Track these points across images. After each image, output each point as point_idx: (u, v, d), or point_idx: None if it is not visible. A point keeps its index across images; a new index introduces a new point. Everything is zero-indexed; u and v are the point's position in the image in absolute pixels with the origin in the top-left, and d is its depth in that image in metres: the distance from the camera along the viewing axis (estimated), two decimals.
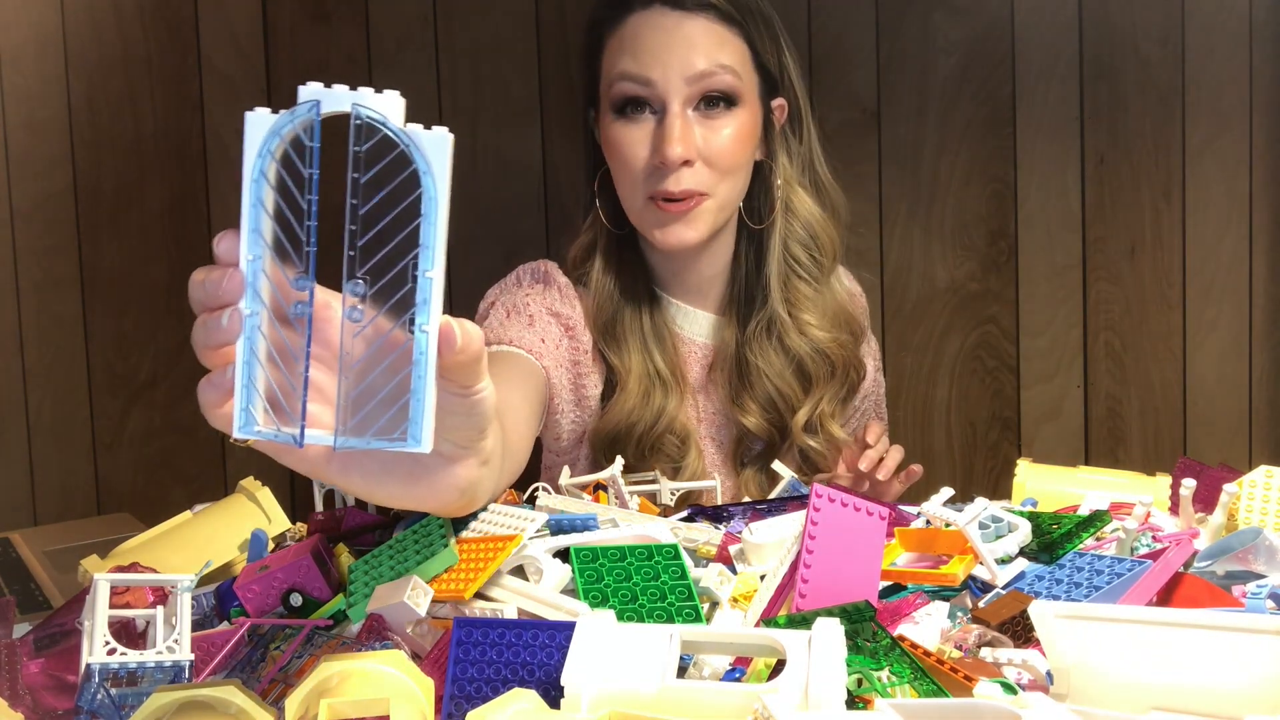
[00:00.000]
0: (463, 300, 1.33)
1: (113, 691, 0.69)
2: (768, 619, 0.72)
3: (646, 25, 1.22)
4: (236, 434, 0.58)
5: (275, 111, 0.56)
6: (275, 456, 0.64)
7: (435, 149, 0.58)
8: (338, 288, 0.60)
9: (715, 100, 1.22)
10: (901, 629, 0.75)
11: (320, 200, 0.57)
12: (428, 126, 0.58)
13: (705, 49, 1.21)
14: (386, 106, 0.57)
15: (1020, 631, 0.72)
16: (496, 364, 1.19)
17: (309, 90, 0.56)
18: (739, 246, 1.32)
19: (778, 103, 1.30)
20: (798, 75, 1.31)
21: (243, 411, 0.58)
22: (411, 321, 0.58)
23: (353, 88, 0.57)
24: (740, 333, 1.31)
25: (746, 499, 1.30)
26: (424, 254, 0.58)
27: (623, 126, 1.23)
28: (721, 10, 1.22)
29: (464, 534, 0.84)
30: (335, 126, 0.58)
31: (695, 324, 1.34)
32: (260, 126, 0.56)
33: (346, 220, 0.56)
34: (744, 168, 1.26)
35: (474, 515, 0.87)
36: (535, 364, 1.23)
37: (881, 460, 1.25)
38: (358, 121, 0.56)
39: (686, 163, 1.20)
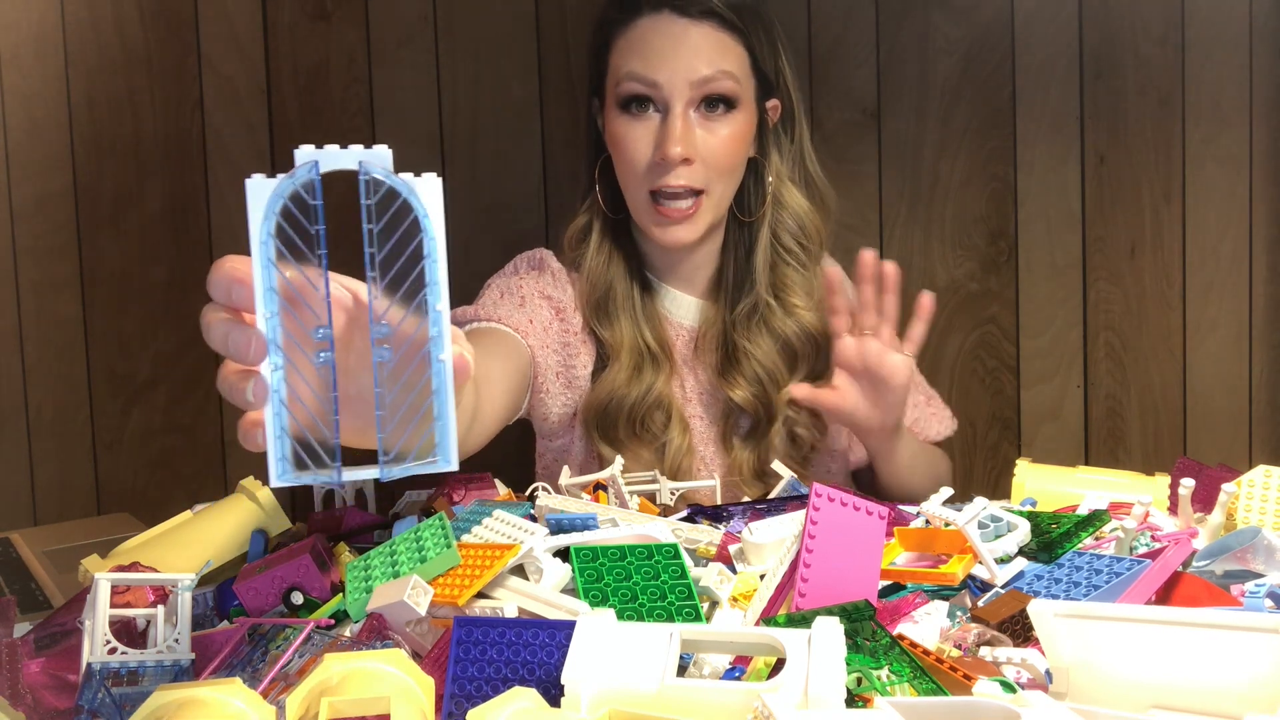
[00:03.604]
0: (463, 299, 1.33)
1: (114, 690, 0.70)
2: (767, 618, 0.72)
3: (654, 30, 1.27)
4: (275, 482, 0.62)
5: (271, 175, 0.60)
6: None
7: (430, 193, 0.62)
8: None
9: (715, 102, 1.28)
10: (901, 628, 0.75)
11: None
12: (418, 173, 0.63)
13: (709, 55, 1.26)
14: (380, 159, 0.61)
15: (1019, 630, 0.72)
16: (483, 338, 1.26)
17: (305, 152, 0.60)
18: (729, 236, 1.37)
19: (771, 103, 1.35)
20: (793, 77, 1.36)
21: (280, 461, 0.62)
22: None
23: (343, 145, 0.61)
24: (728, 314, 1.36)
25: (746, 498, 1.30)
26: (432, 290, 0.62)
27: (627, 122, 1.29)
28: (725, 18, 1.28)
29: (464, 538, 0.84)
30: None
31: (682, 308, 1.39)
32: (262, 191, 0.60)
33: (366, 269, 0.61)
34: (738, 167, 1.32)
35: (477, 521, 0.87)
36: (521, 342, 1.29)
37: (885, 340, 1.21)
38: (365, 177, 0.61)
39: (686, 161, 1.26)
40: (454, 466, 0.64)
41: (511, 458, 1.43)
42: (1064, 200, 1.80)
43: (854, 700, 0.61)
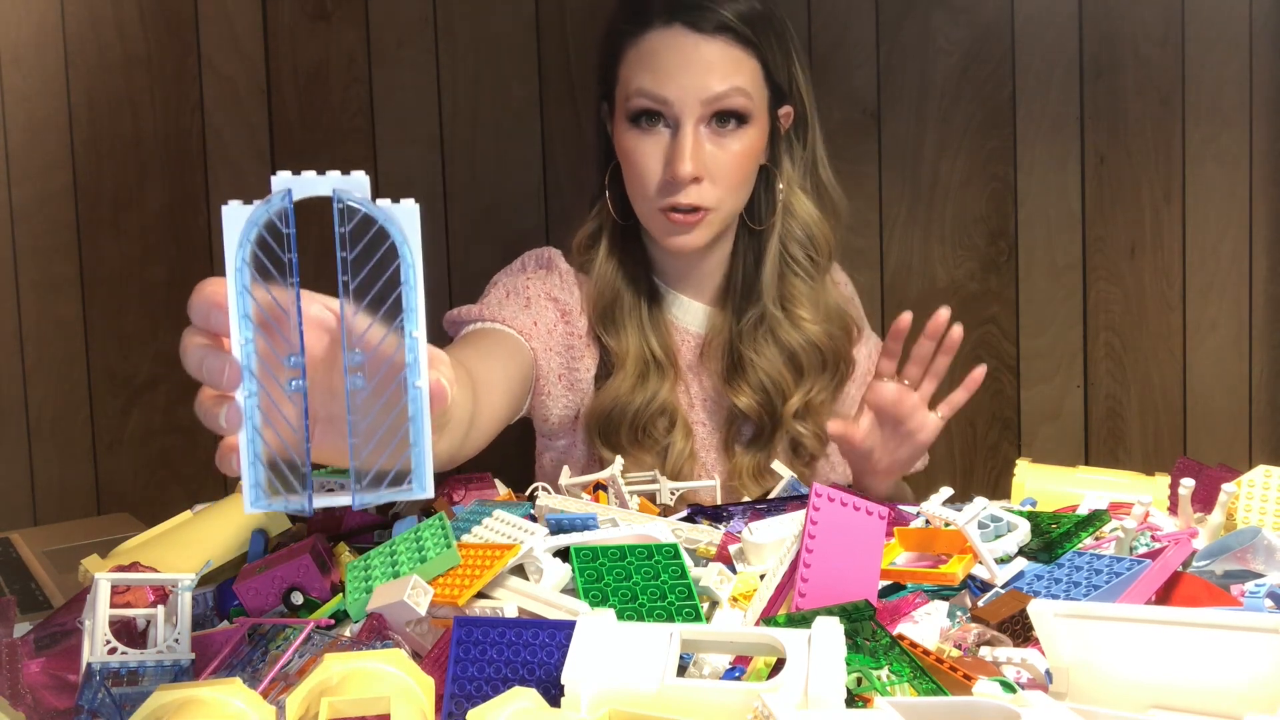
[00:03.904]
0: (463, 299, 1.33)
1: (113, 690, 0.70)
2: (767, 618, 0.72)
3: (665, 45, 1.25)
4: (249, 509, 0.62)
5: (248, 202, 0.60)
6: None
7: (407, 220, 0.61)
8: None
9: (726, 118, 1.25)
10: (901, 628, 0.75)
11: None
12: (396, 200, 0.62)
13: (721, 71, 1.24)
14: (357, 185, 0.60)
15: (1019, 630, 0.72)
16: (485, 339, 1.25)
17: (281, 179, 0.60)
18: (738, 243, 1.36)
19: (784, 110, 1.33)
20: (806, 82, 1.34)
21: (253, 487, 0.61)
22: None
23: (320, 172, 0.60)
24: (735, 323, 1.35)
25: (746, 498, 1.30)
26: (409, 317, 0.61)
27: (637, 137, 1.27)
28: (738, 32, 1.25)
29: (464, 539, 0.84)
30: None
31: (690, 314, 1.38)
32: (237, 218, 0.59)
33: (340, 296, 0.60)
34: (748, 181, 1.30)
35: (477, 520, 0.87)
36: (524, 344, 1.28)
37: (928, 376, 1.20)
38: (340, 205, 0.60)
39: (696, 179, 1.24)
40: (429, 494, 0.63)
41: (511, 458, 1.43)
42: (1064, 200, 1.80)
43: (854, 700, 0.61)
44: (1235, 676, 0.56)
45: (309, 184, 0.60)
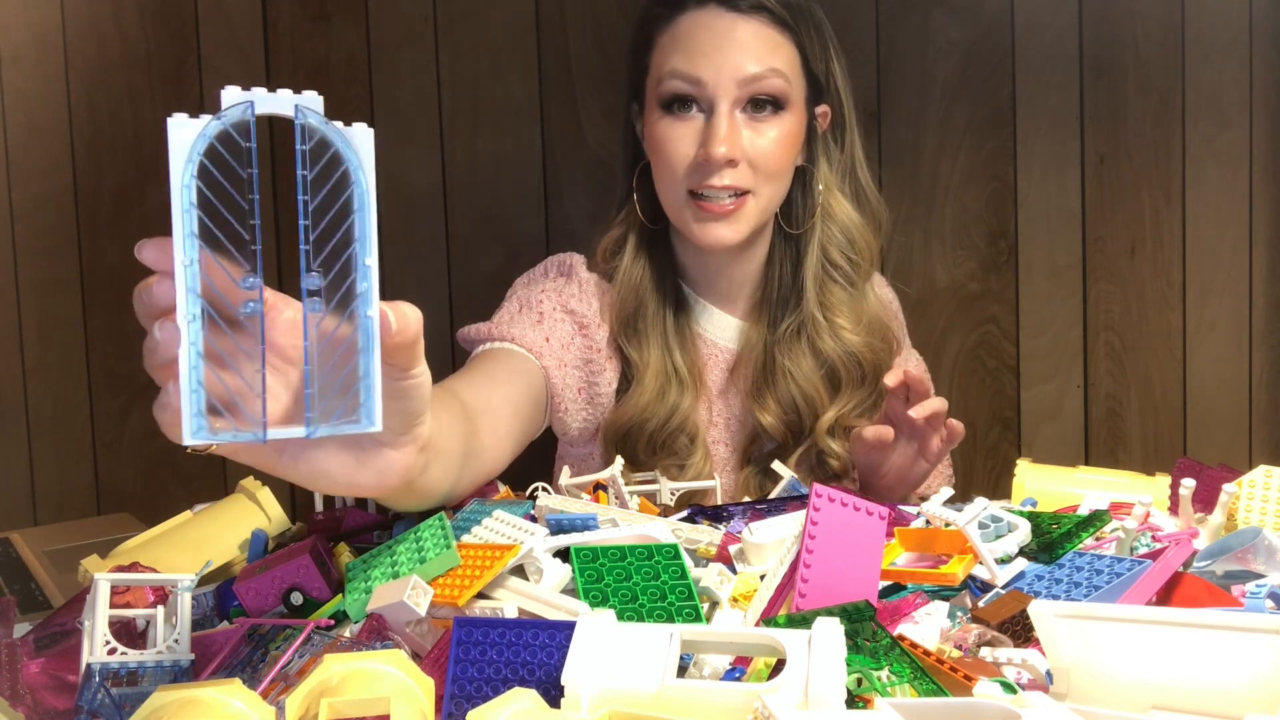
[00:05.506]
0: (463, 299, 1.33)
1: (113, 691, 0.70)
2: (768, 618, 0.72)
3: (700, 25, 1.22)
4: (188, 440, 0.58)
5: (194, 116, 0.57)
6: (231, 456, 0.66)
7: (363, 145, 0.59)
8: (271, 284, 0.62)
9: (763, 103, 1.22)
10: (901, 628, 0.75)
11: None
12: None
13: (757, 52, 1.21)
14: (314, 103, 0.59)
15: (1020, 631, 0.72)
16: (493, 362, 1.20)
17: (231, 94, 0.57)
18: (774, 251, 1.32)
19: (821, 109, 1.30)
20: (844, 82, 1.31)
21: (195, 417, 0.58)
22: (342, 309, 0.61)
23: (244, 88, 0.58)
24: (770, 334, 1.30)
25: (746, 499, 1.30)
26: (362, 244, 0.60)
27: (670, 123, 1.23)
28: (775, 14, 1.22)
29: (464, 539, 0.84)
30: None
31: (720, 327, 1.33)
32: (187, 131, 0.57)
33: (300, 216, 0.58)
34: (786, 172, 1.26)
35: (477, 520, 0.87)
36: (534, 363, 1.23)
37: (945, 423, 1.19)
38: (301, 121, 0.58)
39: (731, 162, 1.21)
40: (378, 427, 0.61)
41: (520, 461, 1.43)
42: (1064, 200, 1.80)
43: (854, 701, 0.61)
44: (1236, 677, 0.56)
45: (269, 100, 0.58)
